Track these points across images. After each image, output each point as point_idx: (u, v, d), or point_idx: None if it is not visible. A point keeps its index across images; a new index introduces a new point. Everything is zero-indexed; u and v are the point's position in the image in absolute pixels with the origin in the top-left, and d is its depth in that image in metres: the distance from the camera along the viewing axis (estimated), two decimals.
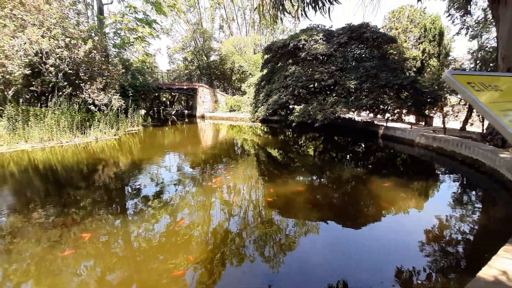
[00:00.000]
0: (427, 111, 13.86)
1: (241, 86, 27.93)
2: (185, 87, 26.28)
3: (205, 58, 29.95)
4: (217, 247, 3.49)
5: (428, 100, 12.21)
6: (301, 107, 14.74)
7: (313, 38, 14.51)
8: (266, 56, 18.15)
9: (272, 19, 7.01)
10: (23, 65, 10.42)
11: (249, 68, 28.33)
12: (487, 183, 6.41)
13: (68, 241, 3.55)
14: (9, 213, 4.41)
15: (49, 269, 3.01)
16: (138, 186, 5.99)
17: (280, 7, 6.86)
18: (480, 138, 9.17)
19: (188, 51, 30.63)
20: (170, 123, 21.41)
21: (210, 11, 36.09)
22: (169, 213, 4.53)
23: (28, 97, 11.27)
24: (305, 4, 6.97)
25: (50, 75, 11.45)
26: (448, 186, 6.58)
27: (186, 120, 24.83)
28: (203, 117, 26.05)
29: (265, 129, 17.58)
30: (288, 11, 7.53)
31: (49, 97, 11.70)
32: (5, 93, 10.85)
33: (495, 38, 10.61)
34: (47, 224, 4.01)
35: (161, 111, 32.00)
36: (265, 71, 19.19)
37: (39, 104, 11.65)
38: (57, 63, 11.43)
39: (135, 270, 3.04)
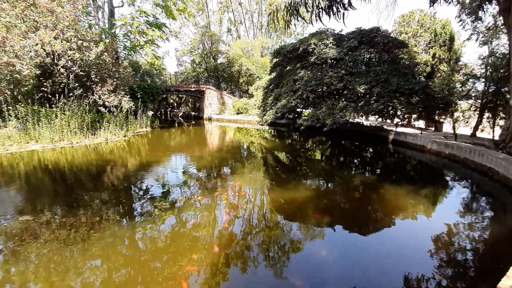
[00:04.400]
0: (437, 116, 13.67)
1: (248, 88, 27.96)
2: (192, 89, 26.45)
3: (213, 61, 30.09)
4: (224, 252, 3.47)
5: (440, 105, 12.04)
6: (310, 111, 14.67)
7: (323, 42, 14.46)
8: (274, 60, 18.14)
9: (285, 25, 7.00)
10: (32, 65, 10.53)
11: (257, 71, 28.36)
12: (500, 192, 6.26)
13: (77, 241, 3.57)
14: (17, 213, 4.42)
15: (56, 268, 3.03)
16: (146, 188, 5.99)
17: (295, 13, 6.85)
18: (493, 146, 9.00)
19: (196, 54, 30.82)
20: (177, 125, 21.50)
21: (218, 14, 36.31)
22: (175, 216, 4.53)
23: (38, 97, 11.37)
24: (319, 10, 6.94)
25: (61, 76, 11.59)
26: (460, 194, 6.45)
27: (193, 122, 24.91)
28: (210, 119, 26.12)
29: (273, 132, 17.54)
30: (302, 17, 7.52)
31: (60, 98, 11.83)
32: (14, 92, 10.96)
33: (505, 45, 10.44)
34: (54, 224, 4.04)
35: (168, 112, 32.18)
36: (273, 74, 19.19)
37: (48, 105, 11.74)
38: (68, 65, 11.57)
39: (141, 270, 3.06)
